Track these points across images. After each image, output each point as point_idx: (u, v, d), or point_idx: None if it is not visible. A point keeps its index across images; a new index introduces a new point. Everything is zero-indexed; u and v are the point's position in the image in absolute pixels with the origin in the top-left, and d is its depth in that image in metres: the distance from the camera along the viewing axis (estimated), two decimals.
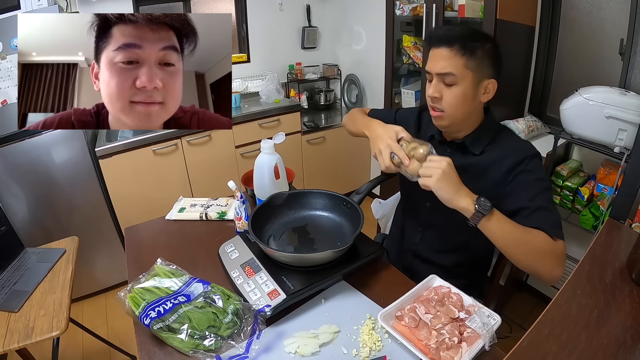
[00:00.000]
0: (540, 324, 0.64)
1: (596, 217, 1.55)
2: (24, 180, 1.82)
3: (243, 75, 2.74)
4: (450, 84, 0.90)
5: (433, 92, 0.92)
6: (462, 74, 0.88)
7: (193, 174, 2.29)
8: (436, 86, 0.92)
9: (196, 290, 0.86)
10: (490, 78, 0.91)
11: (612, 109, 1.35)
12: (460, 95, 0.90)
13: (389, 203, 1.44)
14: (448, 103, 0.91)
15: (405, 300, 0.84)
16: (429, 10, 1.85)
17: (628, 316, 0.66)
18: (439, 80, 0.91)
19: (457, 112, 0.93)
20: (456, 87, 0.90)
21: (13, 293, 1.27)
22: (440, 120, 0.96)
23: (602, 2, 1.59)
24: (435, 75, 0.91)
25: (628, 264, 0.79)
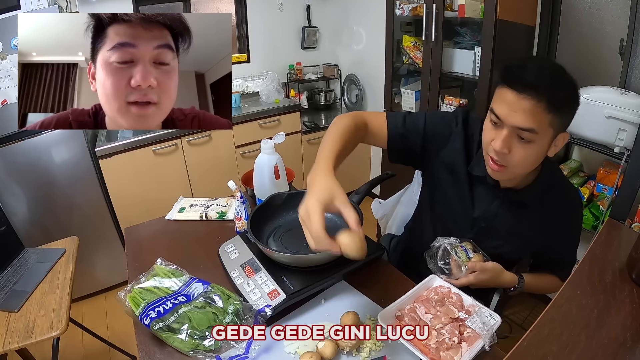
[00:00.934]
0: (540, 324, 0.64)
1: (596, 217, 1.56)
2: (24, 180, 1.82)
3: (243, 75, 2.74)
4: (527, 140, 0.74)
5: (503, 147, 0.76)
6: (545, 132, 0.73)
7: (193, 174, 2.29)
8: (508, 140, 0.75)
9: (196, 290, 0.86)
10: (564, 131, 0.77)
11: (612, 109, 1.35)
12: (534, 155, 0.77)
13: (389, 203, 1.44)
14: (517, 161, 0.77)
15: (405, 300, 0.84)
16: (429, 10, 1.85)
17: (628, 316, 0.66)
18: (512, 133, 0.75)
19: (523, 170, 0.81)
20: (532, 146, 0.75)
21: (13, 293, 1.27)
22: (500, 174, 0.83)
23: (602, 2, 1.59)
24: (510, 127, 0.74)
25: (628, 264, 0.79)
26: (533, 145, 0.75)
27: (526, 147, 0.75)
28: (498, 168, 0.80)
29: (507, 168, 0.80)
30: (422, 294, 0.88)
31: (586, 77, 1.68)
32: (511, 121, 0.73)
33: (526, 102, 0.71)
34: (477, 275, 0.87)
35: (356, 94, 2.87)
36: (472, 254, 0.91)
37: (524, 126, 0.72)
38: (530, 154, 0.77)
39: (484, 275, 0.88)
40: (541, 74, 0.71)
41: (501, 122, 0.75)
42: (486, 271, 0.88)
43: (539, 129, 0.72)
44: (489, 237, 0.95)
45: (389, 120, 0.95)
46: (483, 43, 1.69)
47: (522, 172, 0.83)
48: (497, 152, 0.77)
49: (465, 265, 0.88)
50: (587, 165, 1.78)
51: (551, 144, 0.78)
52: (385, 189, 2.56)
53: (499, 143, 0.76)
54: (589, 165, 1.77)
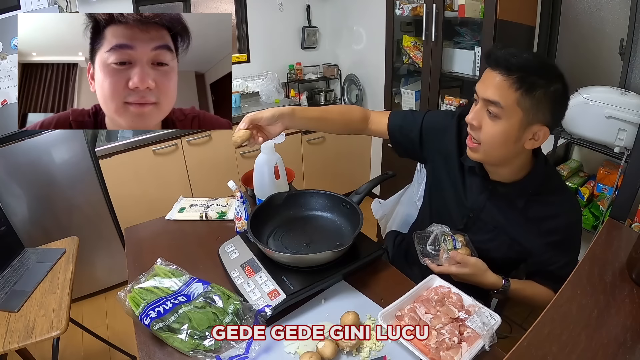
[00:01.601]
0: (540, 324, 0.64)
1: (596, 217, 1.56)
2: (24, 180, 1.82)
3: (243, 75, 2.74)
4: (495, 115, 0.78)
5: (472, 119, 0.82)
6: (511, 110, 0.76)
7: (193, 174, 2.29)
8: (478, 112, 0.81)
9: (196, 290, 0.86)
10: (544, 125, 0.78)
11: (612, 109, 1.35)
12: (501, 132, 0.79)
13: (389, 203, 1.44)
14: (486, 137, 0.81)
15: (405, 300, 0.84)
16: (429, 10, 1.85)
17: (628, 316, 0.66)
18: (483, 107, 0.81)
19: (493, 150, 0.83)
20: (499, 122, 0.78)
21: (13, 293, 1.27)
22: (474, 152, 0.86)
23: (602, 2, 1.59)
24: (481, 100, 0.81)
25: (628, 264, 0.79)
26: (500, 122, 0.79)
27: (494, 123, 0.79)
28: (472, 145, 0.86)
29: (480, 146, 0.84)
30: (422, 294, 0.88)
31: (586, 77, 1.68)
32: (482, 94, 0.80)
33: (496, 76, 0.77)
34: (458, 267, 0.88)
35: (356, 94, 2.87)
36: (459, 245, 0.92)
37: (490, 98, 0.78)
38: (497, 131, 0.80)
39: (465, 269, 0.88)
40: (516, 55, 0.75)
41: (477, 96, 0.82)
42: (467, 265, 0.88)
43: (505, 104, 0.76)
44: (477, 230, 0.97)
45: (390, 115, 1.08)
46: (483, 43, 1.69)
47: (495, 153, 0.84)
48: (469, 124, 0.84)
49: (447, 253, 0.89)
50: (587, 165, 1.78)
51: (523, 130, 0.78)
52: (385, 189, 2.56)
53: (470, 115, 0.83)
54: (589, 165, 1.77)
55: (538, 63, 0.76)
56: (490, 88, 0.78)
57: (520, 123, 0.78)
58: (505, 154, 0.84)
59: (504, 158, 0.85)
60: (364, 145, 2.83)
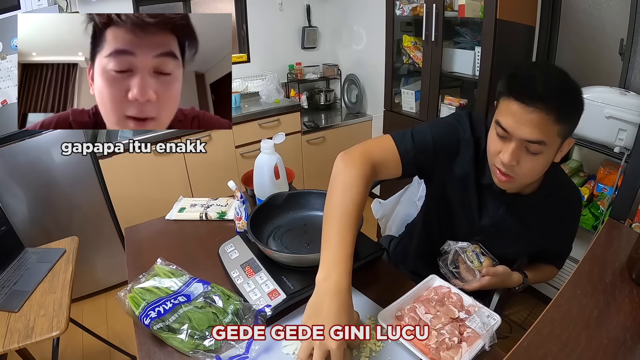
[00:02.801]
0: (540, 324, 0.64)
1: (596, 217, 1.55)
2: (24, 180, 1.82)
3: (243, 75, 2.74)
4: (535, 152, 0.73)
5: (511, 161, 0.74)
6: (553, 142, 0.72)
7: (193, 174, 2.29)
8: (516, 153, 0.73)
9: (196, 290, 0.86)
10: (570, 136, 0.75)
11: (612, 109, 1.35)
12: (543, 165, 0.76)
13: (389, 203, 1.44)
14: (525, 172, 0.76)
15: (405, 300, 0.84)
16: (429, 10, 1.85)
17: (628, 316, 0.66)
18: (520, 146, 0.73)
19: (530, 180, 0.81)
20: (541, 156, 0.73)
21: (13, 293, 1.27)
22: (508, 184, 0.81)
23: (602, 2, 1.59)
24: (517, 140, 0.72)
25: (628, 264, 0.79)
26: (542, 156, 0.74)
27: (535, 158, 0.74)
28: (506, 179, 0.79)
29: (515, 178, 0.78)
30: (422, 294, 0.88)
31: (586, 77, 1.68)
32: (519, 134, 0.71)
33: (535, 115, 0.68)
34: (489, 280, 0.89)
35: (356, 94, 2.87)
36: (482, 257, 0.92)
37: (533, 139, 0.70)
38: (538, 165, 0.75)
39: (496, 279, 0.89)
40: (548, 85, 0.69)
41: (509, 134, 0.73)
42: (497, 275, 0.90)
43: (548, 140, 0.71)
44: (495, 240, 0.95)
45: (397, 143, 0.87)
46: (483, 43, 1.69)
47: (530, 181, 0.82)
48: (505, 165, 0.76)
49: (478, 270, 0.89)
50: (587, 165, 1.78)
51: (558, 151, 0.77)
52: (385, 189, 2.55)
53: (507, 156, 0.74)
54: (589, 165, 1.77)
55: (564, 81, 0.71)
56: (527, 127, 0.70)
57: (559, 147, 0.75)
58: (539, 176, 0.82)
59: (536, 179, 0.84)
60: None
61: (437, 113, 2.02)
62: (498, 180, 0.81)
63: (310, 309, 0.66)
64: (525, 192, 0.88)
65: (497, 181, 0.82)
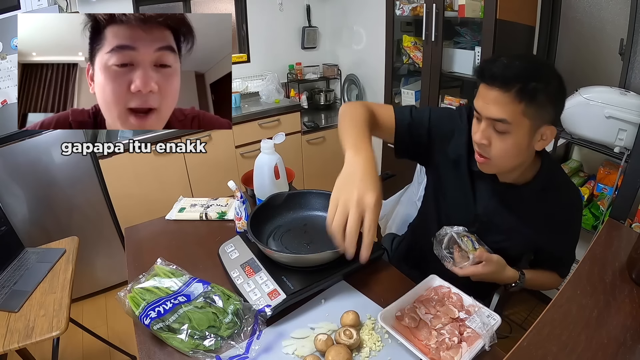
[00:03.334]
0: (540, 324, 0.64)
1: (596, 217, 1.56)
2: (24, 180, 1.82)
3: (243, 75, 2.74)
4: (503, 131, 0.77)
5: (481, 139, 0.80)
6: (518, 122, 0.75)
7: (193, 174, 2.29)
8: (485, 132, 0.79)
9: (196, 290, 0.86)
10: (550, 124, 0.77)
11: (612, 109, 1.35)
12: (513, 146, 0.78)
13: (389, 203, 1.44)
14: (497, 153, 0.80)
15: (405, 300, 0.84)
16: (429, 10, 1.85)
17: (628, 316, 0.66)
18: (488, 125, 0.78)
19: (505, 162, 0.83)
20: (509, 137, 0.77)
21: (13, 293, 1.27)
22: (486, 167, 0.85)
23: (602, 2, 1.59)
24: (485, 119, 0.78)
25: (628, 264, 0.79)
26: (510, 136, 0.77)
27: (504, 138, 0.78)
28: (482, 160, 0.84)
29: (491, 160, 0.82)
30: (422, 294, 0.88)
31: (586, 77, 1.68)
32: (486, 113, 0.77)
33: (495, 93, 0.74)
34: (483, 266, 0.86)
35: (356, 94, 2.87)
36: (477, 244, 0.90)
37: (495, 117, 0.75)
38: (509, 146, 0.78)
39: (489, 267, 0.87)
40: (509, 66, 0.74)
41: (480, 115, 0.79)
42: (491, 263, 0.87)
43: (511, 119, 0.74)
44: (489, 232, 0.95)
45: (396, 111, 0.96)
46: (483, 43, 1.69)
47: (507, 164, 0.83)
48: (478, 144, 0.82)
49: (472, 254, 0.87)
50: (587, 165, 1.78)
51: (532, 135, 0.78)
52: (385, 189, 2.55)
53: (478, 135, 0.80)
54: (589, 165, 1.77)
55: (533, 67, 0.75)
56: (492, 106, 0.75)
57: (529, 131, 0.77)
58: (517, 163, 0.83)
59: (516, 166, 0.85)
60: None
61: None
62: (478, 163, 0.86)
63: (342, 179, 0.71)
64: (519, 183, 0.89)
65: (478, 165, 0.87)
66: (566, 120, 1.50)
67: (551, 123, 0.78)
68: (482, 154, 0.83)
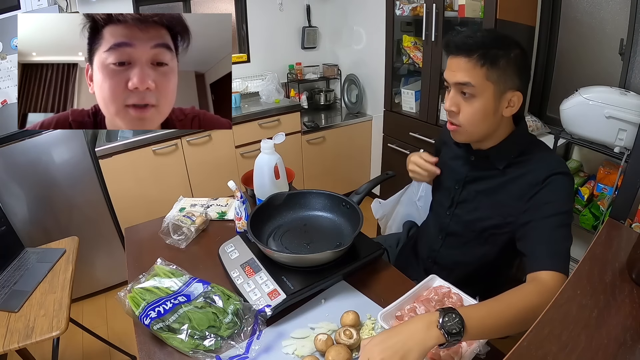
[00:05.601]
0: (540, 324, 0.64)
1: (596, 217, 1.55)
2: (24, 180, 1.82)
3: (243, 75, 2.74)
4: (469, 96, 0.82)
5: (450, 106, 0.85)
6: (482, 85, 0.81)
7: (193, 174, 2.29)
8: (454, 99, 0.85)
9: (196, 290, 0.86)
10: (515, 90, 0.83)
11: (612, 109, 1.35)
12: (480, 109, 0.83)
13: (389, 203, 1.44)
14: (466, 118, 0.85)
15: (405, 300, 0.84)
16: (429, 10, 1.85)
17: (628, 316, 0.66)
18: (456, 92, 0.84)
19: (475, 127, 0.86)
20: (475, 101, 0.82)
21: (13, 293, 1.27)
22: (457, 135, 0.90)
23: (602, 2, 1.59)
24: (453, 86, 0.84)
25: (628, 264, 0.79)
26: (476, 100, 0.83)
27: (471, 102, 0.83)
28: (453, 128, 0.89)
29: (462, 127, 0.87)
30: (422, 294, 0.88)
31: (586, 77, 1.68)
32: (452, 79, 0.84)
33: (459, 60, 0.81)
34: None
35: (356, 94, 2.87)
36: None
37: (461, 80, 0.82)
38: (477, 110, 0.83)
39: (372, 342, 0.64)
40: (471, 36, 0.81)
41: (448, 84, 0.86)
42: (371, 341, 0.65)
43: (475, 82, 0.80)
44: (462, 201, 0.99)
45: None
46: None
47: (478, 130, 0.87)
48: (448, 112, 0.87)
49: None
50: (587, 165, 1.78)
51: (499, 100, 0.83)
52: (385, 189, 2.55)
53: (447, 102, 0.86)
54: (589, 165, 1.77)
55: (493, 36, 0.82)
56: (457, 72, 0.82)
57: (494, 95, 0.82)
58: (488, 128, 0.87)
59: (487, 132, 0.88)
60: (364, 145, 2.83)
61: (437, 113, 2.03)
62: (450, 132, 0.92)
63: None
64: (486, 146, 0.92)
65: (451, 134, 0.93)
66: (566, 120, 1.50)
67: (518, 89, 0.83)
68: (453, 122, 0.88)
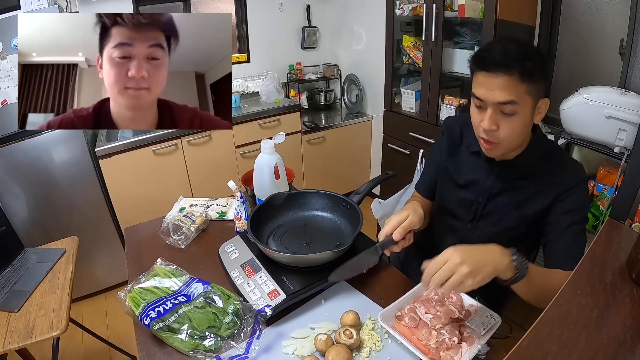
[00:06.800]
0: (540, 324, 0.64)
1: (596, 217, 1.56)
2: (24, 180, 1.82)
3: (243, 75, 2.74)
4: (511, 113, 0.80)
5: (490, 125, 0.82)
6: (524, 101, 0.79)
7: (193, 174, 2.29)
8: (493, 118, 0.81)
9: (196, 290, 0.86)
10: (544, 97, 0.83)
11: (612, 109, 1.35)
12: (519, 124, 0.82)
13: (389, 203, 1.44)
14: (506, 134, 0.83)
15: (405, 300, 0.84)
16: (429, 10, 1.85)
17: (628, 316, 0.66)
18: (496, 111, 0.81)
19: (512, 141, 0.85)
20: (516, 117, 0.81)
21: (13, 293, 1.27)
22: (494, 151, 0.88)
23: (602, 2, 1.59)
24: (492, 105, 0.81)
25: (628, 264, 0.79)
26: (517, 116, 0.81)
27: (511, 119, 0.81)
28: (490, 147, 0.86)
29: (499, 144, 0.85)
30: (422, 294, 0.88)
31: (586, 77, 1.68)
32: (492, 99, 0.80)
33: (500, 79, 0.78)
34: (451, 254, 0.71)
35: (356, 94, 2.87)
36: None
37: (503, 100, 0.79)
38: (516, 125, 0.82)
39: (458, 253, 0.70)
40: (506, 51, 0.78)
41: (483, 103, 0.82)
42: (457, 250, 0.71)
43: (518, 99, 0.78)
44: (488, 214, 0.98)
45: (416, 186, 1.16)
46: (483, 43, 1.69)
47: (514, 144, 0.87)
48: (487, 131, 0.83)
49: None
50: (587, 165, 1.77)
51: (534, 111, 0.83)
52: (385, 189, 2.56)
53: (486, 122, 0.82)
54: (589, 165, 1.77)
55: (524, 48, 0.79)
56: (498, 91, 0.78)
57: (531, 107, 0.81)
58: (523, 140, 0.88)
59: (521, 143, 0.88)
60: (364, 145, 2.83)
61: (437, 113, 2.02)
62: (485, 149, 0.89)
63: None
64: (511, 156, 0.92)
65: (485, 151, 0.90)
66: (566, 120, 1.50)
67: (546, 95, 0.83)
68: (491, 140, 0.85)
